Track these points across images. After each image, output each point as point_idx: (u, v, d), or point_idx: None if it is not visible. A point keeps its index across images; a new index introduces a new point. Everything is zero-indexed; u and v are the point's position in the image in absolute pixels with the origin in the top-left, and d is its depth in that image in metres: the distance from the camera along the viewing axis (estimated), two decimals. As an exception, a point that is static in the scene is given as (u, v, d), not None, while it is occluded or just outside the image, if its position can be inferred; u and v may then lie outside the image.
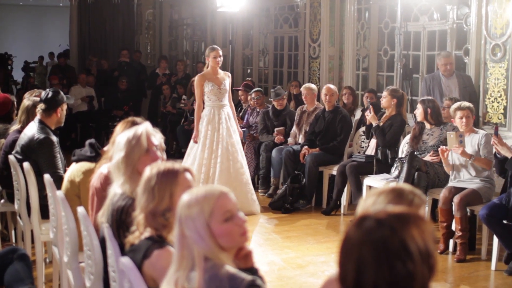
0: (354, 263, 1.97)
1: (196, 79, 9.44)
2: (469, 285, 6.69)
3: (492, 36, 9.29)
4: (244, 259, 3.06)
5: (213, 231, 2.84)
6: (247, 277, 2.81)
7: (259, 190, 10.36)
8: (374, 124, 9.02)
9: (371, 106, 9.07)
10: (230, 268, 2.83)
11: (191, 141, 9.50)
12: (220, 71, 9.41)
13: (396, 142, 9.04)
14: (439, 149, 7.58)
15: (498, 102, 9.26)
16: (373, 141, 9.18)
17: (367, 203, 2.61)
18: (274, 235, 8.35)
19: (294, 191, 9.42)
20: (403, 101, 9.23)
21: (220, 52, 9.42)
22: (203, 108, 9.40)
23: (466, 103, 7.68)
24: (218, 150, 9.18)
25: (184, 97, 13.56)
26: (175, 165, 3.49)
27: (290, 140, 10.35)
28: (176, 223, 2.90)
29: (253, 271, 3.10)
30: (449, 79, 9.48)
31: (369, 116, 9.03)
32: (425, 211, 7.93)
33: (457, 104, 7.72)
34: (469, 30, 9.87)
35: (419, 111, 8.31)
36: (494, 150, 6.99)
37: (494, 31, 9.27)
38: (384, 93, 9.19)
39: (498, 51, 9.22)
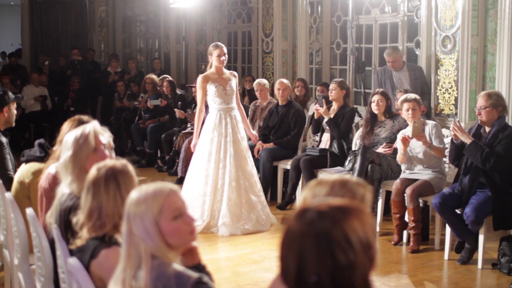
0: (295, 255, 1.98)
1: (198, 80, 8.52)
2: (423, 275, 6.76)
3: (442, 28, 9.38)
4: (190, 256, 3.06)
5: (161, 229, 2.83)
6: (194, 274, 2.81)
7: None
8: (326, 118, 9.05)
9: (323, 100, 9.08)
10: (177, 266, 2.82)
11: (195, 152, 8.61)
12: (225, 70, 8.57)
13: (349, 131, 9.12)
14: (401, 137, 7.53)
15: (449, 93, 9.36)
16: (326, 135, 9.22)
17: (311, 194, 2.61)
18: (230, 230, 8.34)
19: (249, 186, 9.42)
20: (350, 93, 9.33)
21: (225, 50, 8.52)
22: (206, 112, 8.62)
23: (412, 95, 7.75)
24: (226, 159, 8.31)
25: (142, 95, 13.46)
26: (120, 162, 3.47)
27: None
28: (124, 220, 2.88)
29: (200, 268, 3.10)
30: (399, 72, 9.56)
31: (322, 110, 9.03)
32: (375, 203, 7.98)
33: (403, 96, 7.78)
34: (420, 22, 9.95)
35: (383, 103, 8.29)
36: (451, 136, 7.03)
37: (444, 23, 9.36)
38: (333, 85, 9.21)
39: (448, 43, 9.32)
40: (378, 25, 11.11)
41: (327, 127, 9.15)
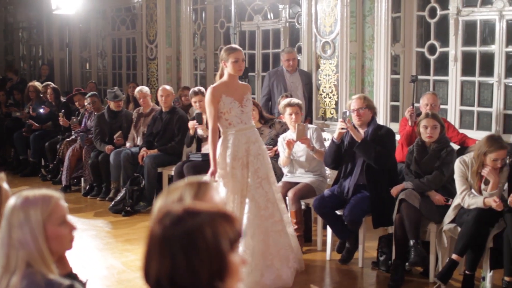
0: (155, 257, 2.02)
1: (208, 93, 6.57)
2: (306, 276, 6.85)
3: (322, 34, 9.59)
4: (61, 265, 3.03)
5: (47, 233, 2.82)
6: (65, 281, 2.79)
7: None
8: (206, 134, 8.93)
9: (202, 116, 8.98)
10: (49, 275, 2.79)
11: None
12: (238, 81, 6.78)
13: None
14: (284, 141, 7.62)
15: (330, 98, 9.57)
16: (206, 145, 9.16)
17: (170, 198, 2.63)
18: (114, 238, 8.27)
19: (134, 193, 9.34)
20: None
21: (243, 54, 6.71)
22: (219, 135, 6.67)
23: (295, 100, 7.87)
24: (249, 195, 6.46)
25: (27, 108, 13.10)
26: None
27: (128, 143, 10.23)
28: (2, 227, 2.83)
29: (72, 276, 3.09)
30: (293, 75, 9.71)
31: (201, 127, 8.88)
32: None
33: (286, 100, 7.88)
34: (301, 29, 10.15)
35: (255, 111, 8.26)
36: (332, 137, 7.12)
37: (323, 29, 9.57)
38: (199, 97, 8.92)
39: (328, 48, 9.53)
40: (260, 31, 11.27)
41: (205, 137, 9.09)
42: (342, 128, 6.90)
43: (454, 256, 6.11)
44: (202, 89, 9.29)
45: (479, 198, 6.16)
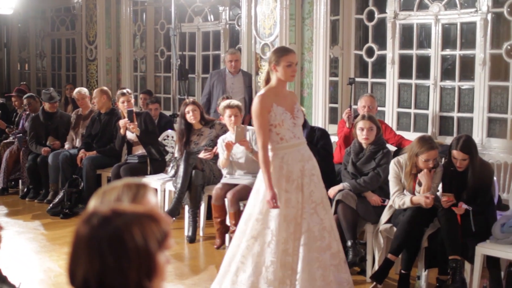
0: (82, 258, 2.01)
1: (256, 103, 5.46)
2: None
3: (261, 36, 9.63)
4: None
5: None
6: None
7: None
8: (137, 133, 8.88)
9: (134, 114, 8.92)
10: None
11: (251, 207, 5.61)
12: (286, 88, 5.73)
13: (156, 130, 9.24)
14: (223, 143, 7.61)
15: (270, 100, 9.60)
16: (139, 149, 9.10)
17: (100, 202, 2.61)
18: (52, 241, 8.15)
19: (72, 195, 9.24)
20: None
21: (297, 57, 5.78)
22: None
23: (235, 102, 7.87)
24: (303, 223, 5.40)
25: None
26: None
27: (67, 145, 10.10)
28: None
29: (2, 278, 3.06)
30: (235, 76, 9.71)
31: (132, 125, 8.80)
32: (197, 208, 8.04)
33: (226, 102, 7.87)
34: (241, 31, 10.18)
35: (197, 111, 8.26)
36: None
37: (263, 31, 9.62)
38: (126, 96, 9.01)
39: (267, 50, 9.57)
40: (201, 33, 11.28)
41: (136, 140, 9.05)
42: None
43: (389, 256, 6.19)
44: (130, 90, 9.41)
45: (406, 197, 6.26)
